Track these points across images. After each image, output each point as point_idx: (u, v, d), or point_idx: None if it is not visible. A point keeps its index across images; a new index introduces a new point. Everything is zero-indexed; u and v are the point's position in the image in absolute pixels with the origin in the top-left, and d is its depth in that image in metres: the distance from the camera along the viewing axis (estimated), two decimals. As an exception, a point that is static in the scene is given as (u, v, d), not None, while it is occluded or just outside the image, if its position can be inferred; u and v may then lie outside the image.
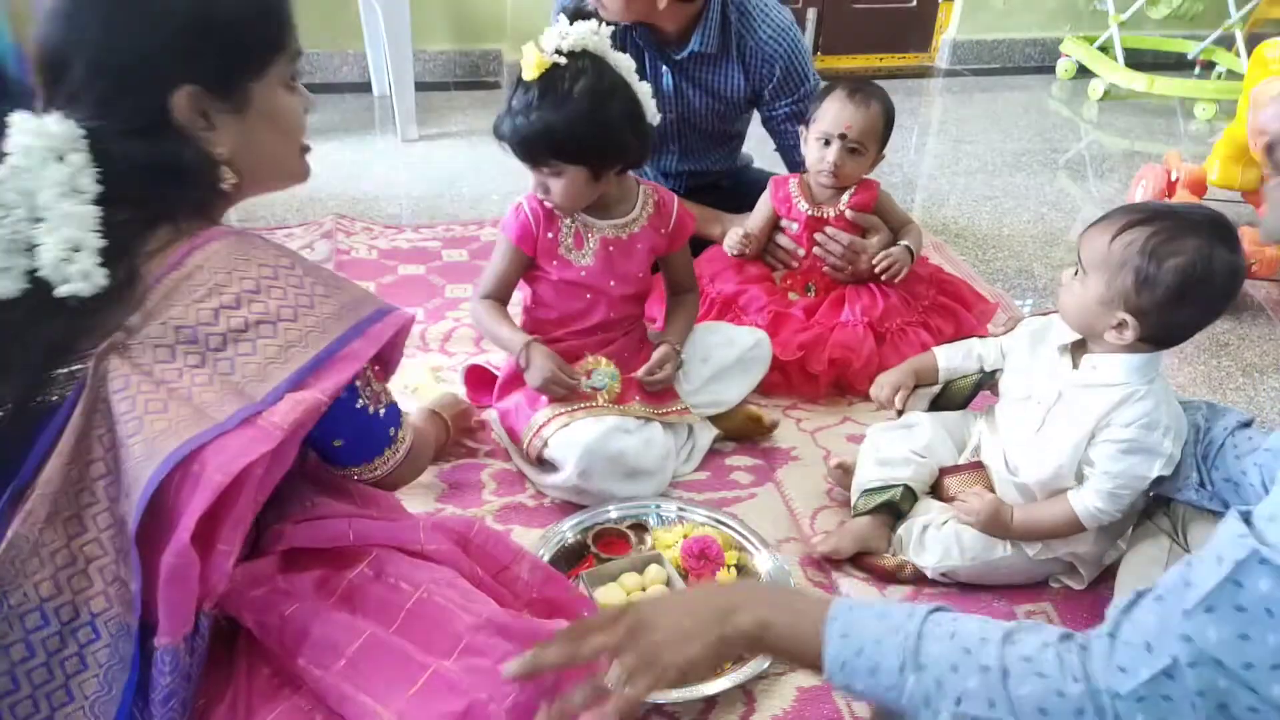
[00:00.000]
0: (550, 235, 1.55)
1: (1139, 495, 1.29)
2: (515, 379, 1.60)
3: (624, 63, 1.46)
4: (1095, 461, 1.28)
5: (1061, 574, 1.40)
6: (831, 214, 1.90)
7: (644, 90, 1.47)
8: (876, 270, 1.87)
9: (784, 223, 1.96)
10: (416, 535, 1.06)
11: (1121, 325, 1.22)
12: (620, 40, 1.92)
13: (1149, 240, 1.18)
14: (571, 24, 1.41)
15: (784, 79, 2.00)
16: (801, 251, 1.94)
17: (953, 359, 1.54)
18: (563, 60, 1.40)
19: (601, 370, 1.55)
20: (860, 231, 1.91)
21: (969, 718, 0.76)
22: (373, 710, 0.89)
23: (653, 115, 1.49)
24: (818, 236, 1.90)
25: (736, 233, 1.96)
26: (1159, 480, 1.27)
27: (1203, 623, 0.68)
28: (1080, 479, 1.31)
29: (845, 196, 1.90)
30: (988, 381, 1.51)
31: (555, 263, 1.57)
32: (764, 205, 1.97)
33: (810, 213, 1.91)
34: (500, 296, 1.62)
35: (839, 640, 0.82)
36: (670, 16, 1.89)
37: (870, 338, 1.81)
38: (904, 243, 1.91)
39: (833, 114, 1.83)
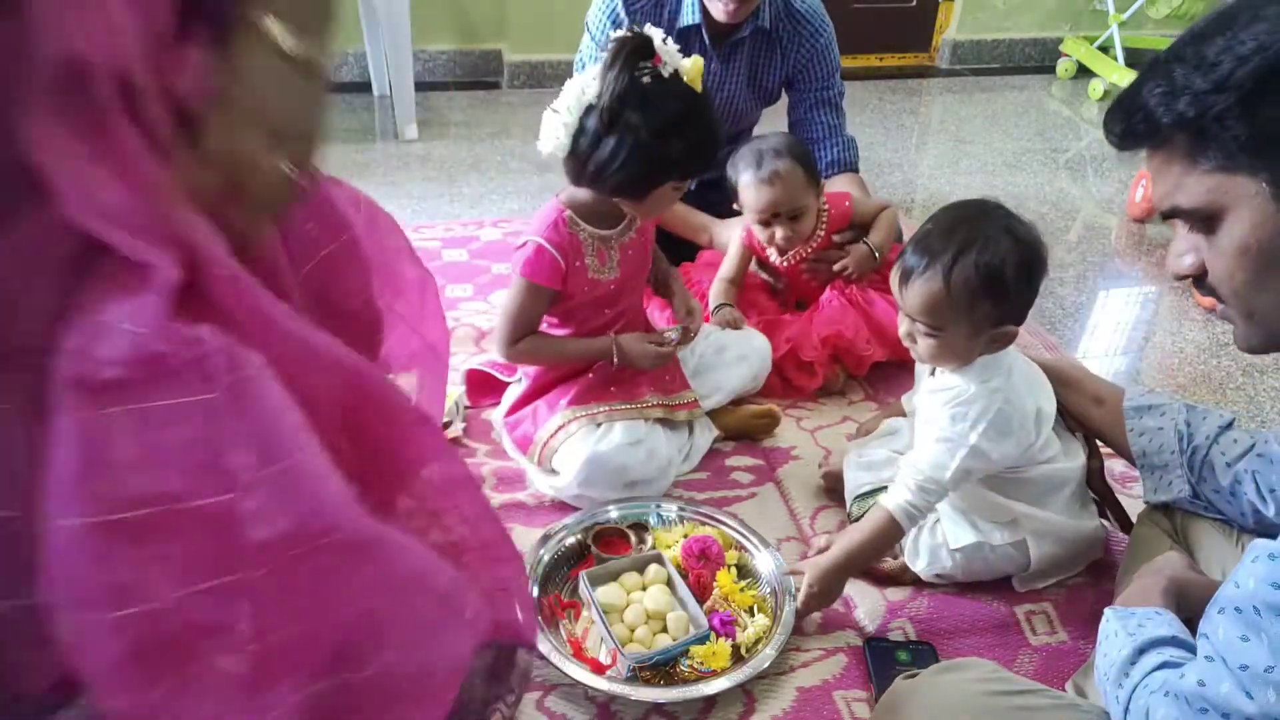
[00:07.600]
0: (577, 264, 1.51)
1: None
2: (528, 396, 1.61)
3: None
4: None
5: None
6: (810, 249, 1.86)
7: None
8: (841, 275, 1.84)
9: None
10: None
11: (997, 337, 1.26)
12: (679, 36, 1.88)
13: (977, 263, 1.20)
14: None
15: (818, 63, 2.02)
16: (782, 285, 1.94)
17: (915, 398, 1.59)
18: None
19: (669, 331, 1.61)
20: (848, 239, 1.88)
21: None
22: None
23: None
24: (804, 268, 1.88)
25: (720, 314, 1.82)
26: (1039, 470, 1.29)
27: None
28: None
29: None
30: None
31: (586, 287, 1.53)
32: (737, 246, 1.90)
33: (786, 263, 1.87)
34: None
35: None
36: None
37: (851, 310, 1.81)
38: (870, 240, 1.86)
39: (751, 199, 1.75)
